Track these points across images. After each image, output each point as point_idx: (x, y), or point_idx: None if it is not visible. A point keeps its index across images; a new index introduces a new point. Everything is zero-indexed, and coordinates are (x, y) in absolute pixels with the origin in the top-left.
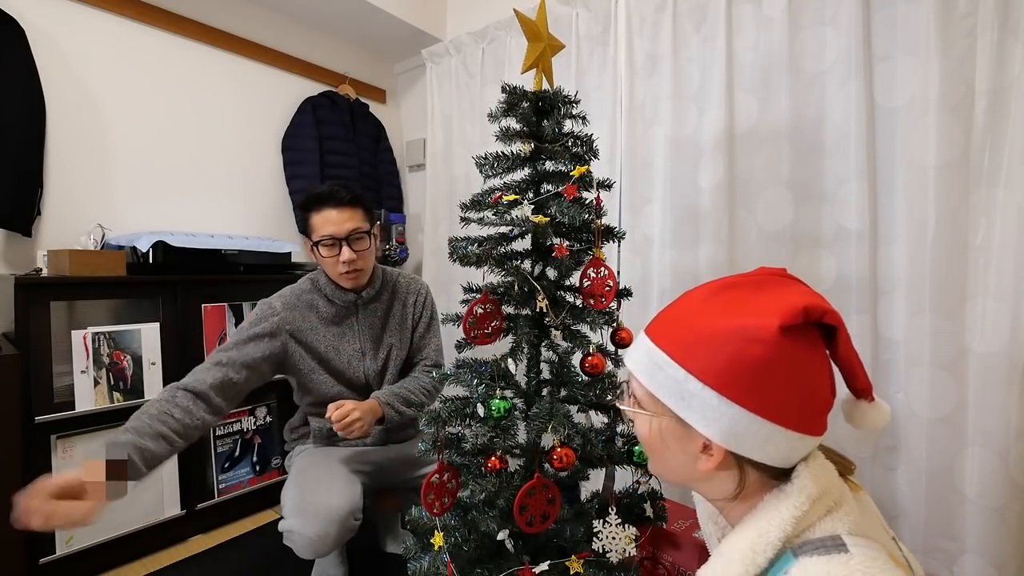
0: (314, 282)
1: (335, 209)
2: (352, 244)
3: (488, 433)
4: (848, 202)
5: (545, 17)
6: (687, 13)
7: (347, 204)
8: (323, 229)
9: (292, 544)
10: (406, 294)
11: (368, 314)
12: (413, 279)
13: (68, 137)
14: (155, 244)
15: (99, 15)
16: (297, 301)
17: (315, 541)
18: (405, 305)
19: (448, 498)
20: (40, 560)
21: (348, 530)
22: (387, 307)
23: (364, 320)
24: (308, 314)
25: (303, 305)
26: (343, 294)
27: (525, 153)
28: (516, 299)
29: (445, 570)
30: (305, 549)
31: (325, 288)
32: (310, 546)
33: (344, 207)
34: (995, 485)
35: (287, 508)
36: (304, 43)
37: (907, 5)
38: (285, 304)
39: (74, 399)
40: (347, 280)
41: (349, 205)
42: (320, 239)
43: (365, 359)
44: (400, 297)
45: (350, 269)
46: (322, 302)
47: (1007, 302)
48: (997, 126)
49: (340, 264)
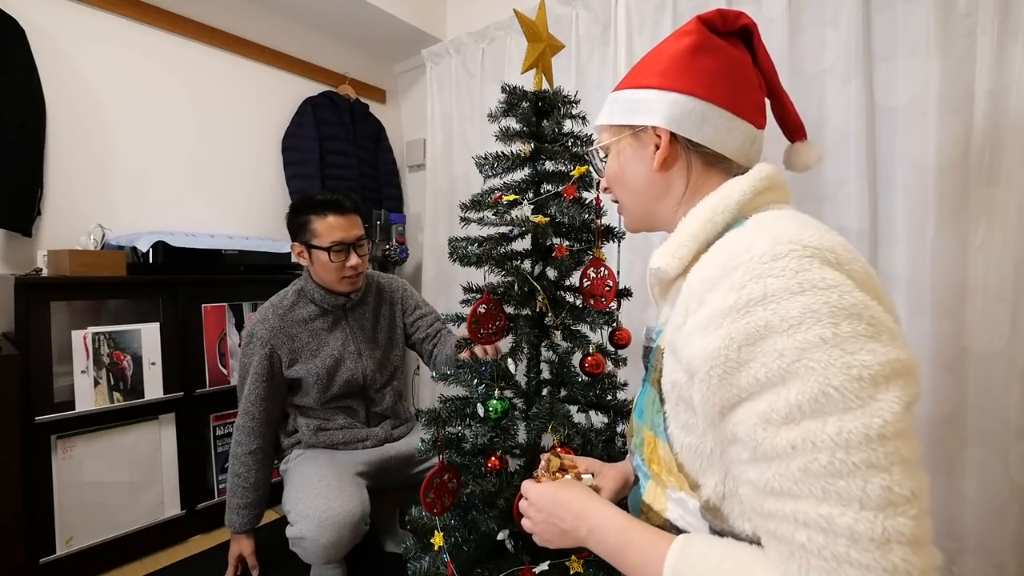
0: (300, 291)
1: (341, 216)
2: (357, 250)
3: (488, 433)
4: (848, 202)
5: (545, 17)
6: (687, 13)
7: (350, 212)
8: (331, 235)
9: (302, 551)
10: (391, 292)
11: (358, 316)
12: (391, 279)
13: (68, 137)
14: (155, 244)
15: (99, 15)
16: (281, 322)
17: (328, 548)
18: (392, 303)
19: (448, 498)
20: (40, 560)
21: (359, 535)
22: (375, 307)
23: (355, 322)
24: (296, 329)
25: (289, 322)
26: (333, 298)
27: (525, 153)
28: (516, 299)
29: (445, 570)
30: (317, 556)
31: (313, 294)
32: (323, 553)
33: (348, 214)
34: (995, 485)
35: (295, 515)
36: (304, 43)
37: (907, 5)
38: (270, 329)
39: (74, 399)
40: (348, 284)
41: (353, 212)
42: (330, 245)
43: (362, 360)
44: (386, 297)
45: (355, 274)
46: (311, 310)
47: (1007, 302)
48: (997, 126)
49: (347, 269)
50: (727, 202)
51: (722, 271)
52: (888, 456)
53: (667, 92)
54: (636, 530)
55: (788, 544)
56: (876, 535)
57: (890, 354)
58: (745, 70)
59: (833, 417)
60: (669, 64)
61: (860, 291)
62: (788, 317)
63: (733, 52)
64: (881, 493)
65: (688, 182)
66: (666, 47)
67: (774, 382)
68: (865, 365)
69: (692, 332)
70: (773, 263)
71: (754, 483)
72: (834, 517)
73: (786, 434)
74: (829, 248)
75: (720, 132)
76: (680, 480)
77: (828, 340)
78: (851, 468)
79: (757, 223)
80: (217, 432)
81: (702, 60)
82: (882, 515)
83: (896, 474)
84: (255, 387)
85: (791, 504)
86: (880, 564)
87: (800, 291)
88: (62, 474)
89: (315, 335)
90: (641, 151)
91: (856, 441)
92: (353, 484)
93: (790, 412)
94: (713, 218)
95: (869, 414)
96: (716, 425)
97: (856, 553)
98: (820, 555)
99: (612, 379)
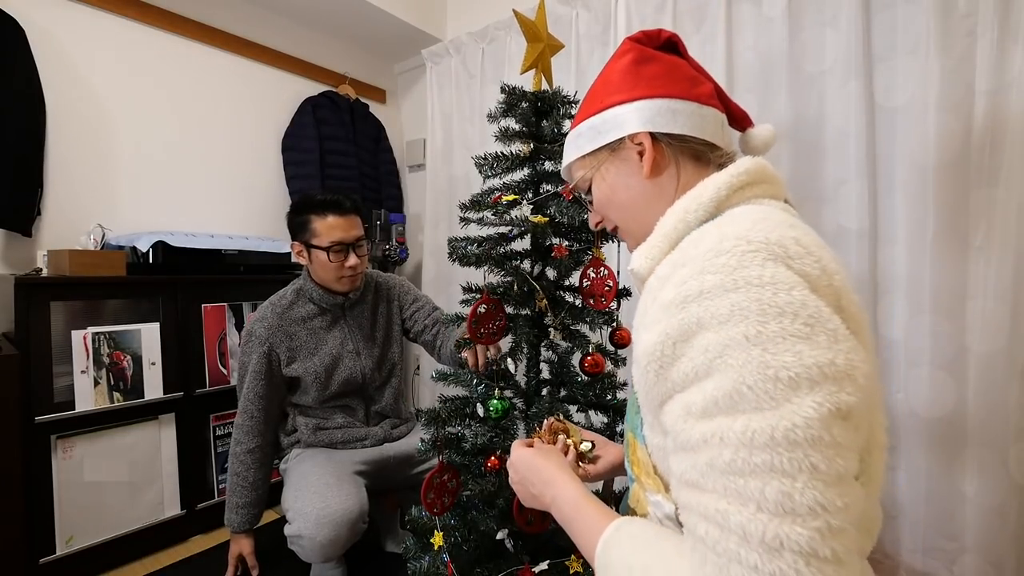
0: (299, 291)
1: (341, 216)
2: (357, 250)
3: (488, 433)
4: (848, 202)
5: (545, 18)
6: (687, 13)
7: (350, 212)
8: (331, 235)
9: (300, 549)
10: (388, 290)
11: (356, 315)
12: (389, 277)
13: (68, 137)
14: (155, 244)
15: (99, 15)
16: (279, 320)
17: (326, 546)
18: (390, 301)
19: (449, 498)
20: (40, 560)
21: (357, 534)
22: (373, 306)
23: (353, 321)
24: (294, 328)
25: (288, 321)
26: (331, 297)
27: (524, 153)
28: (515, 299)
29: (445, 570)
30: (314, 554)
31: (312, 293)
32: (320, 551)
33: (348, 215)
34: (995, 485)
35: (293, 513)
36: (304, 43)
37: (907, 5)
38: (268, 327)
39: (74, 399)
40: (347, 283)
41: (352, 213)
42: (330, 245)
43: (360, 358)
44: (384, 295)
45: (354, 274)
46: (310, 308)
47: (1007, 302)
48: (997, 126)
49: (346, 269)
50: (700, 200)
51: (672, 268)
52: (794, 462)
53: (629, 103)
54: (590, 506)
55: (692, 535)
56: (767, 538)
57: (820, 357)
58: (686, 69)
59: (744, 415)
60: (620, 80)
61: (803, 290)
62: (718, 314)
63: (669, 58)
64: (778, 498)
65: (679, 182)
66: (609, 71)
67: (700, 376)
68: (785, 366)
69: (640, 329)
70: (715, 259)
71: (675, 473)
72: (729, 514)
73: (700, 427)
74: (777, 242)
75: (693, 119)
76: (656, 483)
77: (751, 338)
78: (751, 468)
79: (719, 220)
80: (217, 432)
81: (648, 68)
82: (777, 520)
83: (800, 481)
84: (254, 385)
85: (697, 496)
86: (768, 568)
87: (734, 288)
88: (62, 474)
89: (313, 334)
90: (626, 165)
91: (761, 442)
92: (351, 482)
93: (706, 406)
94: (685, 217)
95: (779, 416)
96: (657, 418)
97: (745, 552)
98: (714, 550)
99: (612, 379)
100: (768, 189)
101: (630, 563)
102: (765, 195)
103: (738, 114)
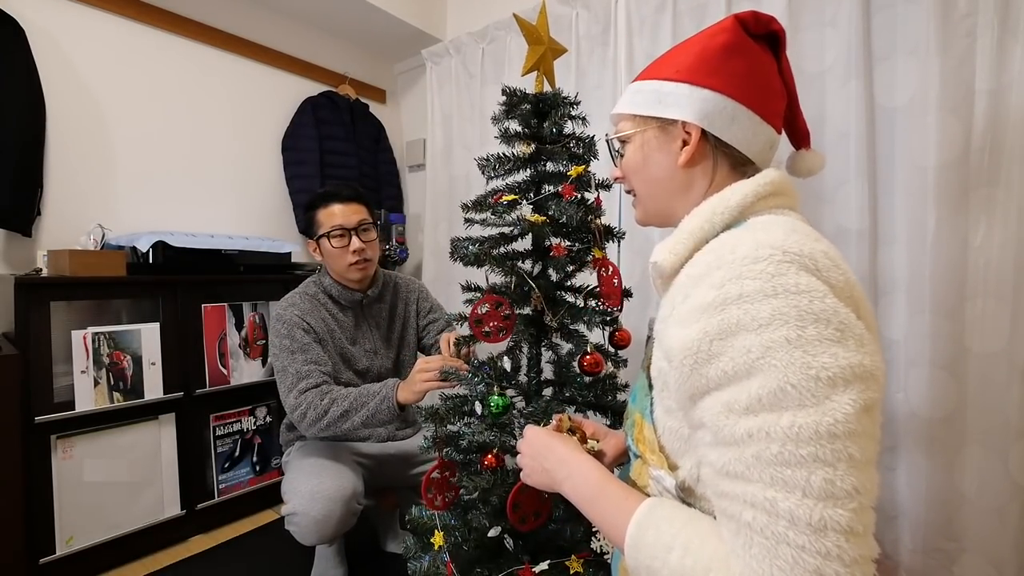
0: (319, 285)
1: (340, 204)
2: (360, 235)
3: (485, 431)
4: (848, 202)
5: (546, 20)
6: (687, 13)
7: (351, 199)
8: (331, 221)
9: (295, 528)
10: (407, 292)
11: (374, 314)
12: (410, 279)
13: (68, 137)
14: (155, 244)
15: (99, 15)
16: (310, 306)
17: (320, 522)
18: (408, 303)
19: (451, 493)
20: (40, 560)
21: (351, 513)
22: (391, 306)
23: (371, 320)
24: (323, 315)
25: (315, 308)
26: (350, 294)
27: (525, 154)
28: (514, 298)
29: (445, 570)
30: (309, 532)
31: (331, 289)
32: (315, 527)
33: (349, 202)
34: (995, 485)
35: (289, 493)
36: (304, 43)
37: (907, 5)
38: (301, 311)
39: (74, 399)
40: (356, 271)
41: (353, 200)
42: (330, 231)
43: (378, 358)
44: (402, 296)
45: (360, 259)
46: (331, 304)
47: (1007, 302)
48: (997, 126)
49: (350, 255)
50: (727, 203)
51: (706, 269)
52: (835, 452)
53: (699, 88)
54: (613, 485)
55: (736, 522)
56: (814, 521)
57: (852, 359)
58: (772, 76)
59: (788, 412)
60: (701, 60)
61: (833, 298)
62: (759, 317)
63: (763, 57)
64: (823, 485)
65: (712, 182)
66: (698, 42)
67: (740, 375)
68: (824, 367)
69: (674, 323)
70: (753, 266)
71: (713, 465)
72: (778, 501)
73: (745, 423)
74: (809, 255)
75: (747, 134)
76: (661, 460)
77: (792, 341)
78: (799, 459)
79: (750, 227)
80: (217, 432)
81: (735, 60)
82: (821, 504)
83: (840, 470)
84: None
85: (742, 486)
86: (814, 547)
87: (773, 294)
88: (62, 474)
89: (338, 328)
90: (668, 145)
91: (806, 436)
92: (348, 465)
93: (751, 404)
94: (712, 218)
95: (822, 412)
96: (687, 410)
97: (794, 534)
98: (762, 533)
99: (613, 380)
100: (787, 200)
101: (669, 543)
102: (785, 206)
103: (802, 132)
